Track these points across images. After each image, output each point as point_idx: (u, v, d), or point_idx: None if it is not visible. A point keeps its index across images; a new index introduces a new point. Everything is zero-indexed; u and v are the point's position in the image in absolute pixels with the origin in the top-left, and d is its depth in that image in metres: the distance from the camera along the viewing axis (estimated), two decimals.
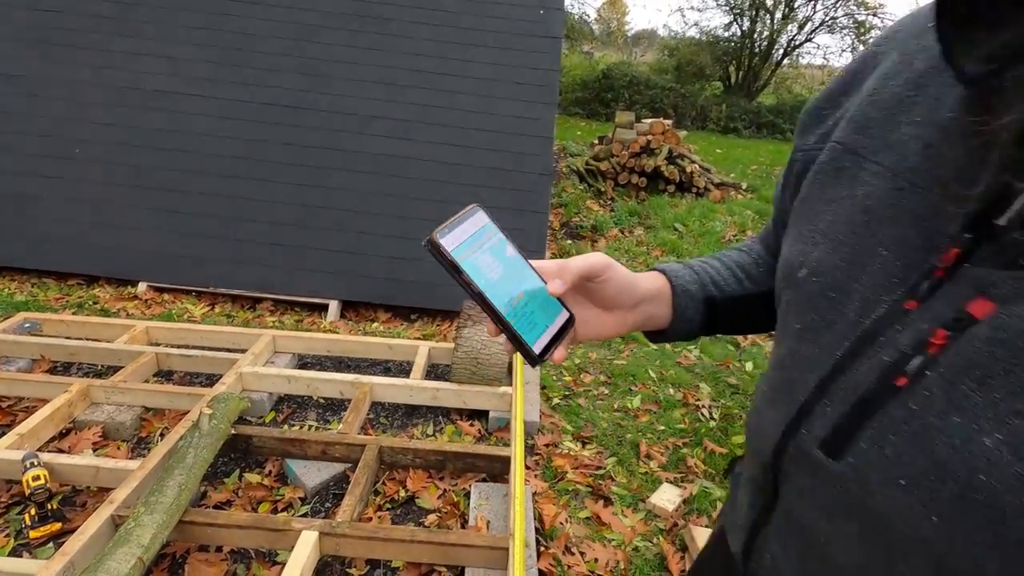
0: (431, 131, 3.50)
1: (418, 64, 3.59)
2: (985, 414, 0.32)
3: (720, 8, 13.68)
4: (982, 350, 0.32)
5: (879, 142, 0.42)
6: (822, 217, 0.45)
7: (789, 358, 0.46)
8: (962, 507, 0.33)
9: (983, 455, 0.31)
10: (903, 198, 0.39)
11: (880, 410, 0.37)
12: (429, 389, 2.28)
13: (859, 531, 0.39)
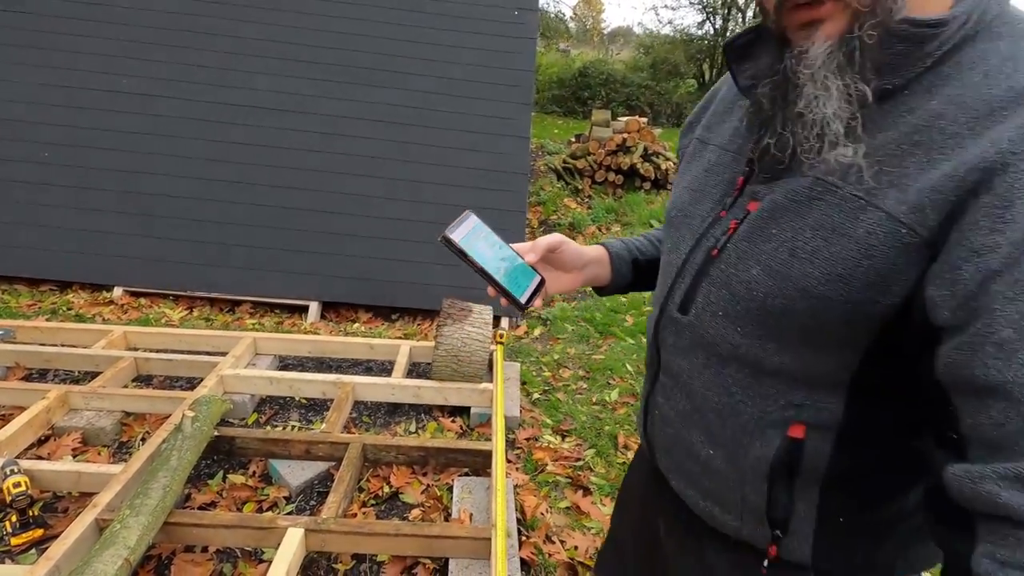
0: (408, 131, 3.53)
1: (393, 65, 3.61)
2: (752, 258, 0.56)
3: (693, 7, 13.89)
4: (751, 226, 0.58)
5: (715, 133, 0.70)
6: (683, 181, 0.72)
7: (664, 267, 0.71)
8: (753, 319, 0.56)
9: (754, 280, 0.56)
10: (723, 159, 0.66)
11: (706, 275, 0.61)
12: (411, 387, 2.32)
13: (703, 359, 0.62)
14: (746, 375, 0.58)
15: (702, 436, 0.64)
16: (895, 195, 0.47)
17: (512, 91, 3.66)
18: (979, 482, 0.42)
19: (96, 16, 3.50)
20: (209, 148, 3.41)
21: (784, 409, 0.56)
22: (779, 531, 0.60)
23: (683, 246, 0.66)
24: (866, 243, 0.48)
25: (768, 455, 0.58)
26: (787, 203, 0.54)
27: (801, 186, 0.53)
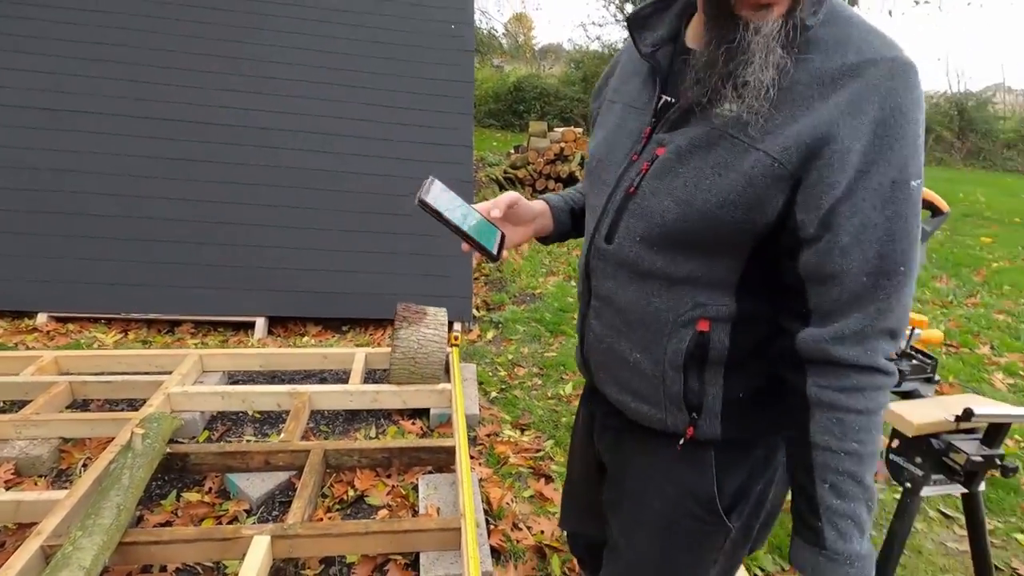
0: (350, 143, 3.53)
1: (333, 78, 3.61)
2: (663, 192, 0.70)
3: (618, 24, 14.51)
4: (660, 167, 0.71)
5: (621, 94, 0.83)
6: (598, 136, 0.85)
7: (590, 209, 0.83)
8: (665, 240, 0.71)
9: (665, 210, 0.70)
10: (630, 114, 0.79)
11: (625, 210, 0.74)
12: (369, 392, 2.32)
13: (627, 276, 0.76)
14: (661, 285, 0.73)
15: (630, 344, 0.78)
16: (770, 140, 0.62)
17: (454, 102, 3.74)
18: (817, 342, 0.65)
19: (16, 30, 3.31)
20: (141, 165, 3.27)
21: (692, 309, 0.72)
22: (695, 413, 0.76)
23: (604, 188, 0.78)
24: (749, 175, 0.63)
25: (683, 348, 0.73)
26: (690, 147, 0.68)
27: (700, 134, 0.67)
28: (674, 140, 0.70)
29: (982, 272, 4.96)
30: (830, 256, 0.62)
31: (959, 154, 12.66)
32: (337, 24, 3.72)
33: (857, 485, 0.65)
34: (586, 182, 0.88)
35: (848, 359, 0.63)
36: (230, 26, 3.56)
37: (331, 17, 3.72)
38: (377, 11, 3.82)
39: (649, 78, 0.77)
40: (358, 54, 3.68)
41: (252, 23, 3.60)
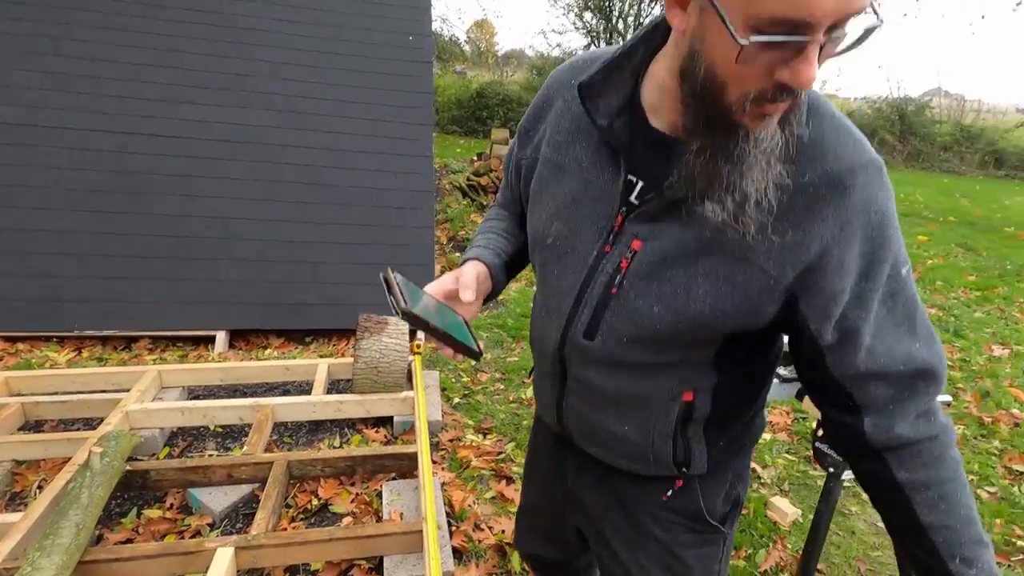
0: (311, 155, 3.54)
1: (290, 89, 3.62)
2: (653, 296, 0.67)
3: (578, 31, 14.80)
4: (645, 267, 0.67)
5: (567, 157, 0.74)
6: (549, 205, 0.76)
7: (553, 291, 0.78)
8: (651, 339, 0.70)
9: (656, 315, 0.68)
10: (591, 192, 0.71)
11: (607, 307, 0.71)
12: (332, 403, 2.35)
13: (611, 369, 0.75)
14: (647, 373, 0.74)
15: (615, 418, 0.79)
16: (764, 255, 0.62)
17: (413, 112, 3.80)
18: (888, 432, 0.66)
19: None
20: (91, 179, 3.21)
21: (679, 386, 0.75)
22: (684, 468, 0.80)
23: (572, 276, 0.73)
24: (745, 288, 0.63)
25: (671, 420, 0.77)
26: (677, 252, 0.65)
27: (689, 239, 0.64)
28: (656, 237, 0.66)
29: (918, 269, 5.28)
30: (861, 359, 0.64)
31: (900, 156, 13.35)
32: (293, 36, 3.73)
33: (980, 545, 0.65)
34: (539, 256, 0.80)
35: (923, 435, 0.65)
36: (190, 38, 3.53)
37: (286, 29, 3.73)
38: (333, 23, 3.84)
39: (605, 150, 0.69)
40: (316, 66, 3.70)
41: (204, 34, 3.58)
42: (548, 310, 0.79)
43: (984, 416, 2.85)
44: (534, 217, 0.80)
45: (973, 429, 2.76)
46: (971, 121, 14.55)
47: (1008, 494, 2.31)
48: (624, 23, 14.28)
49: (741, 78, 0.52)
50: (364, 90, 3.74)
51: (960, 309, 4.34)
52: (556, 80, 0.79)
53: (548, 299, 0.79)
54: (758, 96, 0.52)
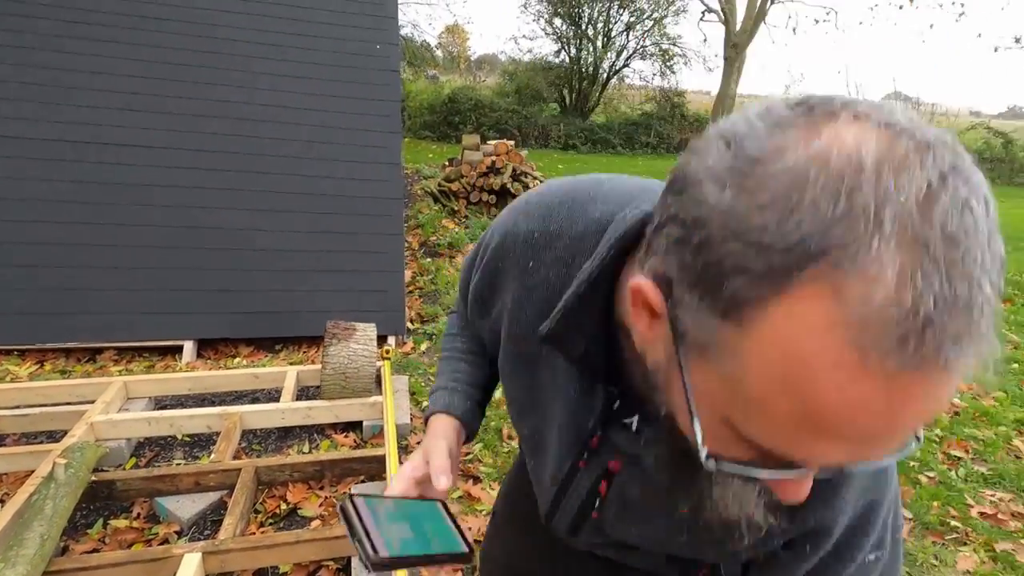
0: (280, 163, 3.56)
1: (256, 98, 3.63)
2: (629, 521, 0.60)
3: (549, 37, 14.99)
4: (621, 488, 0.59)
5: (535, 354, 0.60)
6: (521, 396, 0.65)
7: (534, 478, 0.70)
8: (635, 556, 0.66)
9: (634, 538, 0.61)
10: (564, 406, 0.59)
11: (587, 521, 0.63)
12: (301, 409, 2.39)
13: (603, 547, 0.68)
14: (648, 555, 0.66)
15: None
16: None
17: (381, 120, 3.84)
18: None
19: None
20: (52, 189, 3.18)
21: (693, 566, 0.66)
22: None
23: (547, 479, 0.65)
24: None
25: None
26: (660, 484, 0.54)
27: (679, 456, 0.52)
28: (638, 461, 0.57)
29: None
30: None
31: None
32: (260, 44, 3.74)
33: None
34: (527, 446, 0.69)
35: None
36: (158, 47, 3.52)
37: (254, 38, 3.75)
38: (302, 32, 3.87)
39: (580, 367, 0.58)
40: (285, 75, 3.72)
41: (174, 43, 3.57)
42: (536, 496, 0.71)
43: None
44: (509, 394, 0.68)
45: None
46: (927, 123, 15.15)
47: (945, 478, 2.47)
48: (593, 28, 14.54)
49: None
50: (333, 99, 3.77)
51: None
52: (507, 250, 0.61)
53: (532, 476, 0.71)
54: None
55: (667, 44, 14.58)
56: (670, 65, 14.77)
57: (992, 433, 2.83)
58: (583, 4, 14.07)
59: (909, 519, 2.20)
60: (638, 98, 15.76)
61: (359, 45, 3.99)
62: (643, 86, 16.14)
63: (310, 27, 3.90)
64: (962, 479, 2.47)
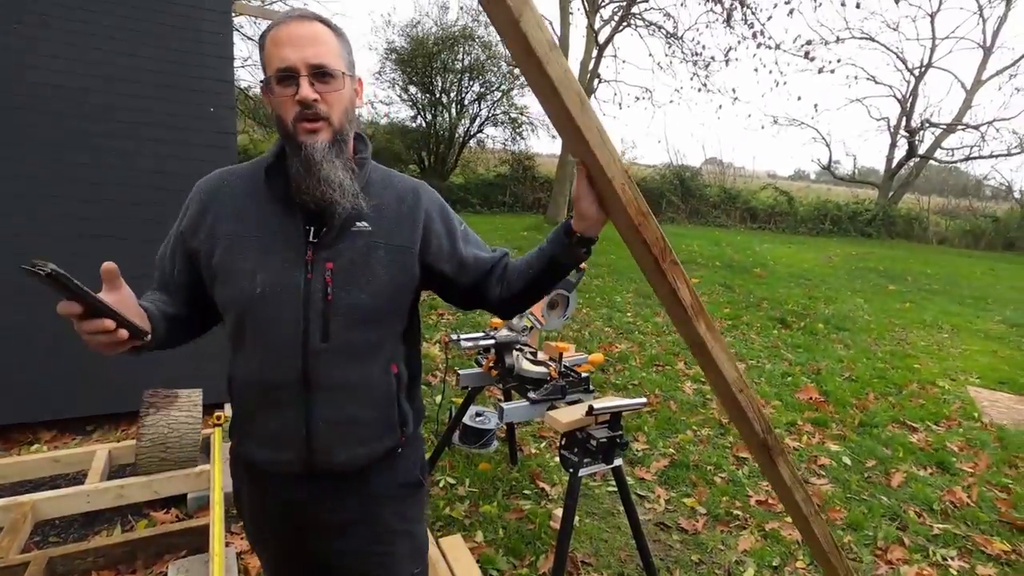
0: (101, 226, 3.31)
1: (80, 159, 3.38)
2: (356, 290, 0.98)
3: (405, 103, 15.58)
4: (343, 276, 0.97)
5: (246, 227, 0.99)
6: (242, 266, 0.97)
7: (272, 325, 0.97)
8: (362, 322, 1.01)
9: (361, 303, 0.99)
10: (277, 242, 0.98)
11: (332, 312, 0.97)
12: (112, 488, 2.19)
13: (344, 359, 1.01)
14: (367, 353, 1.00)
15: (355, 406, 1.01)
16: (399, 237, 1.02)
17: None
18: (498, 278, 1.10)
19: None
20: None
21: (387, 361, 1.04)
22: (404, 426, 1.08)
23: (291, 304, 0.95)
24: (400, 260, 1.02)
25: (391, 388, 1.04)
26: (356, 258, 0.97)
27: (357, 248, 0.98)
28: (339, 257, 0.98)
29: None
30: (465, 272, 1.09)
31: (684, 213, 16.02)
32: (85, 104, 3.52)
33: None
34: (247, 311, 0.97)
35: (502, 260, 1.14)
36: None
37: (78, 97, 3.52)
38: (134, 93, 3.71)
39: (280, 214, 0.99)
40: (113, 135, 3.52)
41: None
42: (274, 344, 0.97)
43: (723, 418, 3.58)
44: (233, 281, 0.97)
45: (715, 430, 3.45)
46: (731, 184, 18.09)
47: (734, 477, 2.94)
48: (447, 96, 15.43)
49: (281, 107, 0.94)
50: (160, 159, 3.63)
51: None
52: (205, 188, 1.05)
53: (268, 337, 0.97)
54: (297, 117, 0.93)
55: (515, 113, 15.90)
56: (519, 132, 16.08)
57: None
58: (435, 74, 14.94)
59: (704, 514, 2.59)
60: (493, 161, 16.81)
61: (193, 108, 3.92)
62: (499, 149, 17.29)
63: (140, 87, 3.77)
64: (746, 476, 2.95)
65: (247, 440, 1.05)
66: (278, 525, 1.10)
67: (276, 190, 0.98)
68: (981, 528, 2.61)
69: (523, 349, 2.23)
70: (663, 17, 11.51)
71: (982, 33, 17.16)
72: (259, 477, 1.06)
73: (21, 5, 3.27)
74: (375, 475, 1.07)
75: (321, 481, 1.03)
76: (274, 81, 0.91)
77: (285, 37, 0.90)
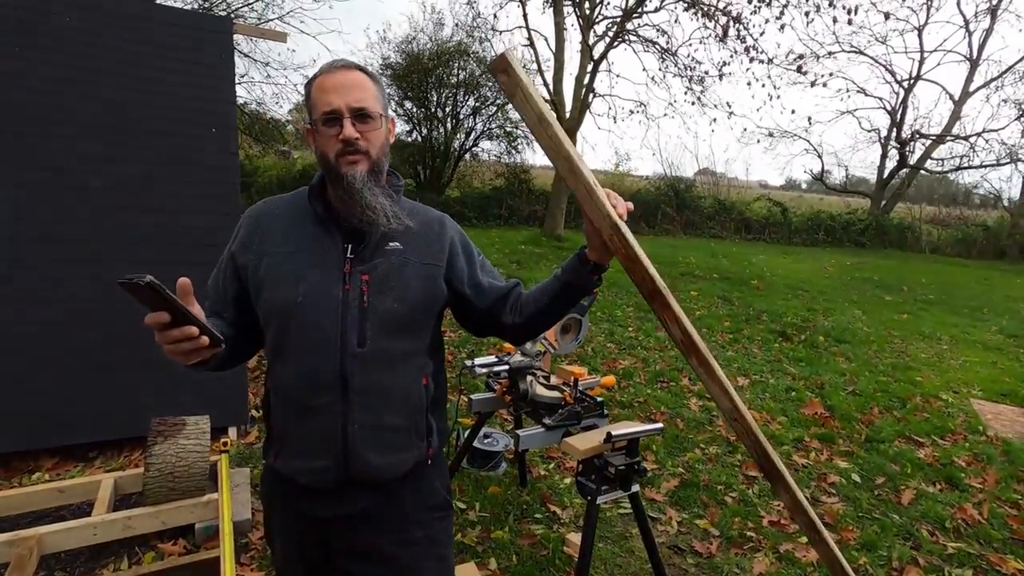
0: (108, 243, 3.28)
1: (89, 182, 3.37)
2: (389, 299, 1.08)
3: (400, 118, 15.63)
4: (376, 286, 1.07)
5: (291, 245, 1.10)
6: (288, 276, 1.06)
7: (312, 331, 1.05)
8: (398, 329, 1.10)
9: (394, 309, 1.08)
10: (318, 258, 1.08)
11: (367, 318, 1.07)
12: (119, 520, 2.15)
13: (383, 365, 1.09)
14: (400, 361, 1.08)
15: (388, 411, 1.07)
16: (428, 256, 1.13)
17: (219, 202, 3.75)
18: (511, 306, 1.18)
19: None
20: None
21: (418, 372, 1.12)
22: (430, 438, 1.14)
23: (330, 311, 1.04)
24: (429, 275, 1.12)
25: (421, 400, 1.11)
26: (390, 271, 1.07)
27: (391, 263, 1.08)
28: (374, 270, 1.07)
29: (689, 320, 6.40)
30: (483, 295, 1.18)
31: (679, 225, 16.11)
32: (91, 127, 3.51)
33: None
34: (289, 319, 1.05)
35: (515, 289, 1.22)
36: None
37: (88, 119, 3.51)
38: (140, 116, 3.71)
39: (322, 232, 1.10)
40: (122, 159, 3.51)
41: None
42: (313, 349, 1.04)
43: (730, 436, 3.56)
44: (276, 289, 1.06)
45: (723, 448, 3.43)
46: (725, 196, 18.22)
47: (745, 496, 2.92)
48: (442, 111, 15.51)
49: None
50: (167, 182, 3.62)
51: (717, 351, 5.37)
52: (254, 213, 1.16)
53: (308, 343, 1.04)
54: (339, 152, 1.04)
55: (510, 127, 15.98)
56: (514, 145, 16.15)
57: (778, 452, 3.42)
58: (430, 89, 15.02)
59: (717, 536, 2.57)
60: (489, 174, 16.87)
61: (197, 128, 3.91)
62: (494, 162, 17.34)
63: (143, 109, 3.76)
64: (756, 495, 2.94)
65: (283, 452, 1.09)
66: (309, 549, 1.12)
67: (317, 213, 1.10)
68: (994, 546, 2.60)
69: (536, 374, 2.22)
70: (657, 33, 11.62)
71: (968, 46, 17.47)
72: (292, 493, 1.10)
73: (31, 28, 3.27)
74: (405, 492, 1.12)
75: (353, 496, 1.08)
76: (320, 123, 1.03)
77: (330, 85, 1.03)
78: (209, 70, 3.94)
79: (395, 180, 1.16)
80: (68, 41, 3.42)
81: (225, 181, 3.86)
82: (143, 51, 3.64)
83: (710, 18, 10.30)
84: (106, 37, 3.52)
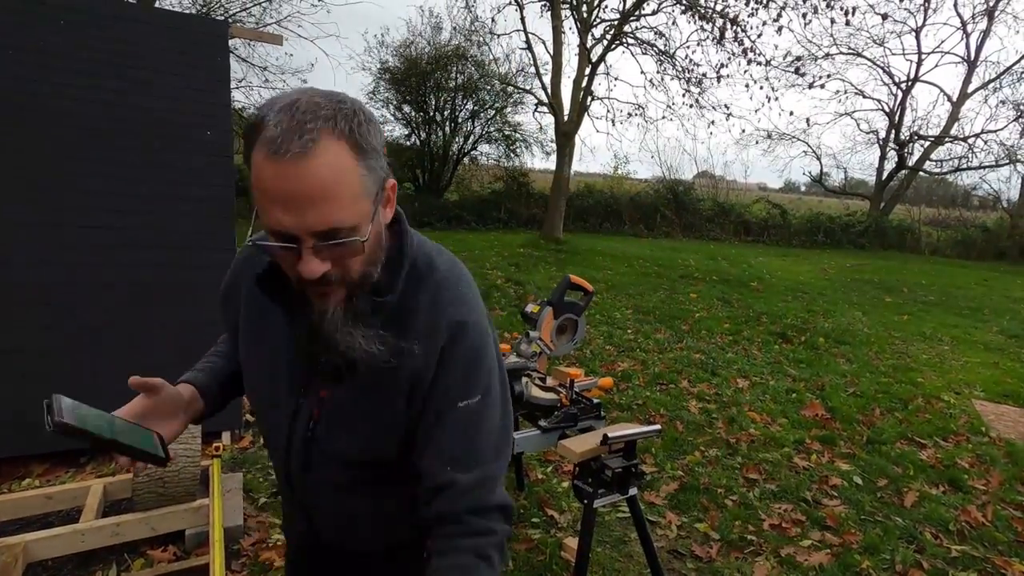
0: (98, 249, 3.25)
1: (85, 185, 3.34)
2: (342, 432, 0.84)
3: (399, 122, 15.65)
4: (334, 411, 0.83)
5: (260, 327, 0.88)
6: (254, 357, 0.90)
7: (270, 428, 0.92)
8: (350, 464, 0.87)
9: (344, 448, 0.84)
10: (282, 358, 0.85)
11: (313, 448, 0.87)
12: (107, 527, 2.11)
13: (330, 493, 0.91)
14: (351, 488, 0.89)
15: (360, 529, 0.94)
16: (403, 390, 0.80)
17: (217, 208, 3.72)
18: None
19: None
20: None
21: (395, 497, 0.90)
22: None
23: (278, 425, 0.87)
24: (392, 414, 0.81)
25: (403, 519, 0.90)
26: (348, 399, 0.81)
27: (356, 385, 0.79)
28: (336, 388, 0.82)
29: (688, 322, 6.37)
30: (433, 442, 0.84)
31: (678, 228, 16.09)
32: (84, 129, 3.49)
33: None
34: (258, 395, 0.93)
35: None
36: None
37: (83, 123, 3.48)
38: (135, 119, 3.69)
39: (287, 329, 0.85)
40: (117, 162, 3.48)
41: None
42: (270, 445, 0.95)
43: (730, 438, 3.53)
44: (248, 377, 0.94)
45: (723, 450, 3.39)
46: (724, 198, 18.21)
47: (745, 499, 2.88)
48: (441, 115, 15.52)
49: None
50: (160, 185, 3.59)
51: (717, 352, 5.33)
52: (239, 268, 0.94)
53: (266, 438, 0.96)
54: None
55: (509, 131, 16.00)
56: (513, 149, 16.17)
57: (779, 454, 3.37)
58: (429, 93, 15.03)
59: (717, 540, 2.53)
60: (488, 177, 16.86)
61: (193, 130, 3.89)
62: (493, 165, 17.33)
63: (138, 114, 3.74)
64: (757, 498, 2.90)
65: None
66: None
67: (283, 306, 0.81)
68: (999, 549, 2.56)
69: (531, 375, 2.18)
70: (655, 36, 11.63)
71: (966, 48, 17.49)
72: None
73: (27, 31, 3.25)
74: (401, 558, 0.97)
75: (344, 555, 1.00)
76: (267, 233, 0.69)
77: (275, 191, 0.63)
78: (206, 73, 3.92)
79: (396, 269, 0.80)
80: (64, 44, 3.40)
81: (221, 185, 3.83)
82: (140, 54, 3.62)
83: (707, 20, 10.31)
84: (102, 40, 3.50)
